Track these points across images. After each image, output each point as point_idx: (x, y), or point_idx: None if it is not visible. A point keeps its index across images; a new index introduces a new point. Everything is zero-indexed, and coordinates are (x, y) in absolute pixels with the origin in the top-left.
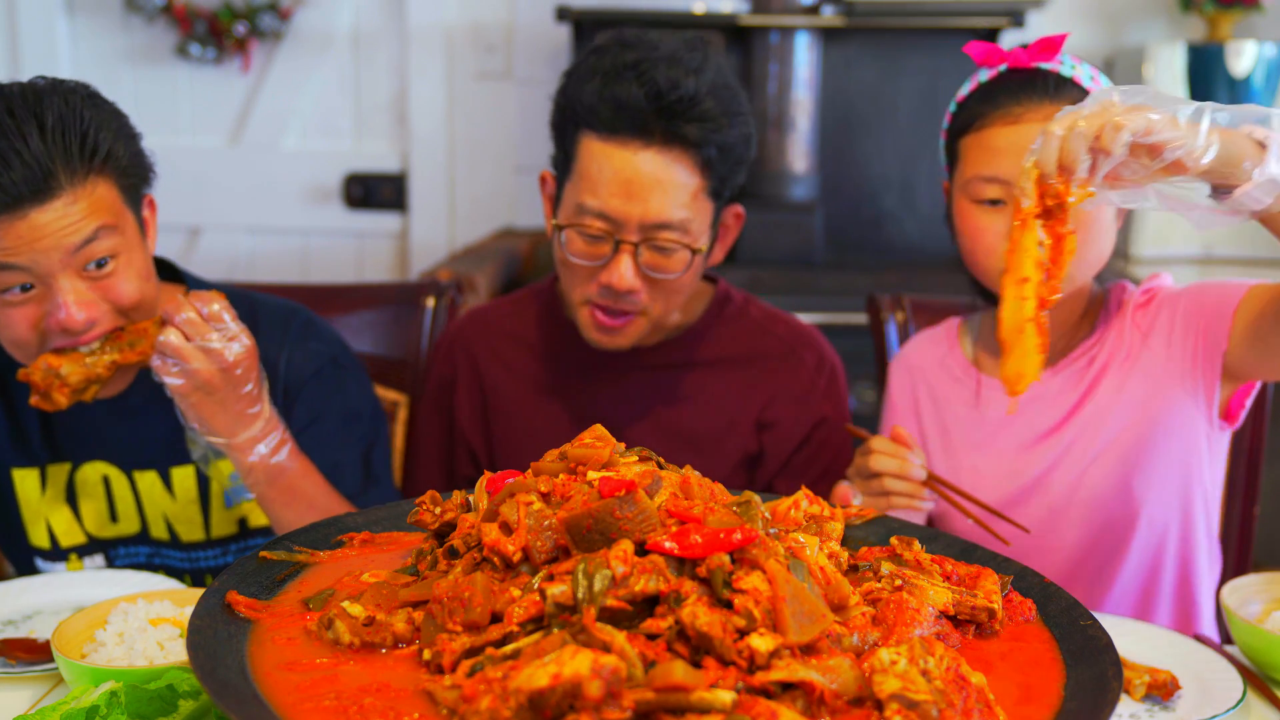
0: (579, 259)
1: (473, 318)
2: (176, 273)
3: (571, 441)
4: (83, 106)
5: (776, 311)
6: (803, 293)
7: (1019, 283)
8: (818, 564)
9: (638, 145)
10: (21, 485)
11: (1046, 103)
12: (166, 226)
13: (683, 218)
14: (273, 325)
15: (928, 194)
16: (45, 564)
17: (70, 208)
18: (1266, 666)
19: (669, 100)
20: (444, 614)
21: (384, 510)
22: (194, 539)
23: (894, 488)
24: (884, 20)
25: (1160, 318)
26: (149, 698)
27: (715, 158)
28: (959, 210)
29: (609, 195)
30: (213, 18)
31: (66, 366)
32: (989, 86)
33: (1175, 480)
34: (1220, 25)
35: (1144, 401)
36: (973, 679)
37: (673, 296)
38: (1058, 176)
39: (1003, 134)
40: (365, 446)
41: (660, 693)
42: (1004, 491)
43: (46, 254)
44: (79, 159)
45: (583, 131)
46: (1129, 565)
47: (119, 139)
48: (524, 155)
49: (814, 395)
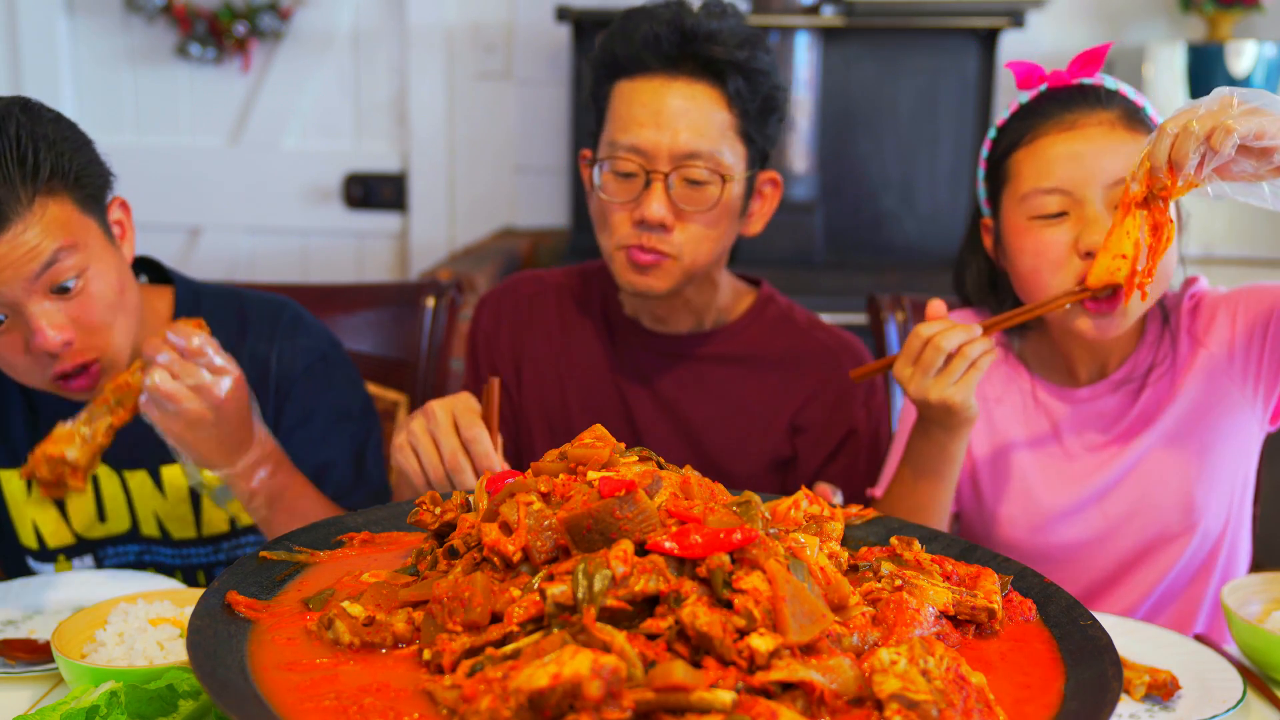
0: (613, 197)
1: (521, 281)
2: (164, 273)
3: (572, 441)
4: (17, 127)
5: (819, 320)
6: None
7: (1115, 257)
8: (818, 564)
9: (664, 78)
10: (8, 486)
11: (1100, 109)
12: (166, 226)
13: (712, 149)
14: (261, 321)
15: (928, 194)
16: (37, 564)
17: (23, 235)
18: (1266, 666)
19: (691, 29)
20: (444, 614)
21: (384, 510)
22: (185, 536)
23: (975, 352)
24: (884, 20)
25: (1218, 321)
26: (149, 698)
27: (743, 90)
28: (1015, 230)
29: (640, 128)
30: (213, 18)
31: (70, 450)
32: (1035, 102)
33: (1233, 489)
34: (1220, 25)
35: (1204, 409)
36: (973, 679)
37: (705, 241)
38: (1166, 171)
39: (1059, 142)
40: (357, 444)
41: (660, 693)
42: (1061, 499)
43: (9, 285)
44: (21, 184)
45: (615, 81)
46: (1177, 573)
47: (64, 151)
48: (524, 155)
49: (851, 403)
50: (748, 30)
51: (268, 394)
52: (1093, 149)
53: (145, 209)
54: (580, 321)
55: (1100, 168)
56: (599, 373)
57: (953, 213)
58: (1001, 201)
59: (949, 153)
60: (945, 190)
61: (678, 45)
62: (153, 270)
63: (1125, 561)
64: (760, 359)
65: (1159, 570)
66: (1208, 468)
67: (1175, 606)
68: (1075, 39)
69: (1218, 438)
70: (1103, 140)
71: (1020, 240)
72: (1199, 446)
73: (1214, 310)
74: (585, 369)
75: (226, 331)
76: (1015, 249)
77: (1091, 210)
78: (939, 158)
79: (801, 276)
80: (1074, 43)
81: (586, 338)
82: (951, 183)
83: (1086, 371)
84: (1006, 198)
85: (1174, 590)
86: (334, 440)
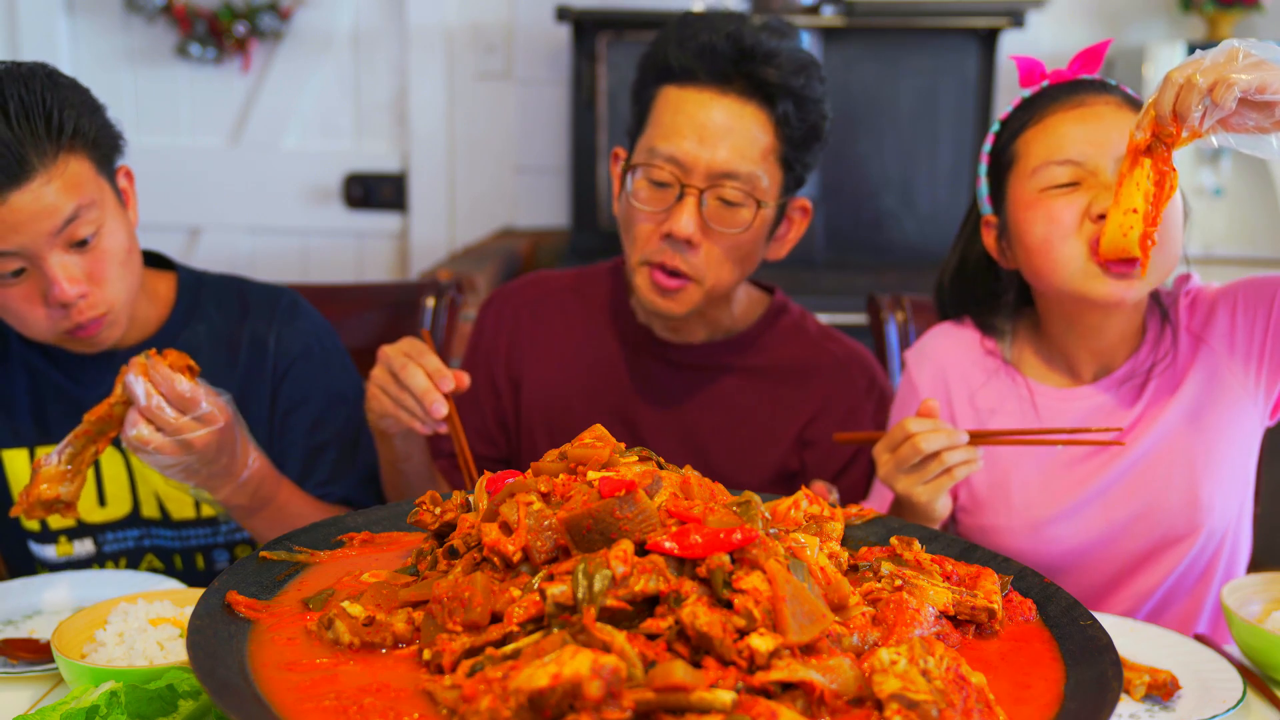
0: (644, 205)
1: (529, 283)
2: (167, 264)
3: (572, 441)
4: (42, 88)
5: (832, 330)
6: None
7: (1127, 212)
8: (818, 564)
9: (715, 92)
10: (11, 466)
11: (1106, 94)
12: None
13: (750, 171)
14: (261, 305)
15: (928, 194)
16: (37, 546)
17: (46, 187)
18: (1266, 666)
19: (750, 49)
20: (444, 614)
21: (384, 510)
22: (184, 516)
23: (954, 460)
24: (884, 20)
25: (1217, 315)
26: (149, 698)
27: (791, 115)
28: (1024, 205)
29: (681, 139)
30: (213, 18)
31: (62, 488)
32: (1039, 92)
33: (1237, 487)
34: (1220, 25)
35: (1208, 405)
36: (973, 679)
37: (729, 265)
38: (1170, 120)
39: (1070, 119)
40: (352, 428)
41: (660, 693)
42: (1060, 504)
43: (33, 238)
44: (47, 139)
45: (663, 85)
46: (1180, 575)
47: (83, 113)
48: (524, 155)
49: (860, 417)
50: (805, 56)
51: (265, 374)
52: (1103, 124)
53: (145, 209)
54: (587, 327)
55: (1110, 140)
56: (605, 380)
57: (953, 213)
58: (1007, 185)
59: (949, 153)
60: (945, 190)
61: (733, 61)
62: (156, 261)
63: (1129, 565)
64: (770, 370)
65: (1162, 573)
66: (1213, 464)
67: (1177, 608)
68: (1075, 39)
69: (1221, 433)
70: (1112, 117)
71: (1030, 212)
72: (1203, 443)
73: (1212, 305)
74: (591, 375)
75: (228, 315)
76: (1025, 223)
77: (1104, 178)
78: (939, 158)
79: (801, 276)
80: (1074, 43)
81: (594, 343)
82: (951, 183)
83: (1089, 370)
84: (1014, 178)
85: (1177, 593)
86: (329, 423)
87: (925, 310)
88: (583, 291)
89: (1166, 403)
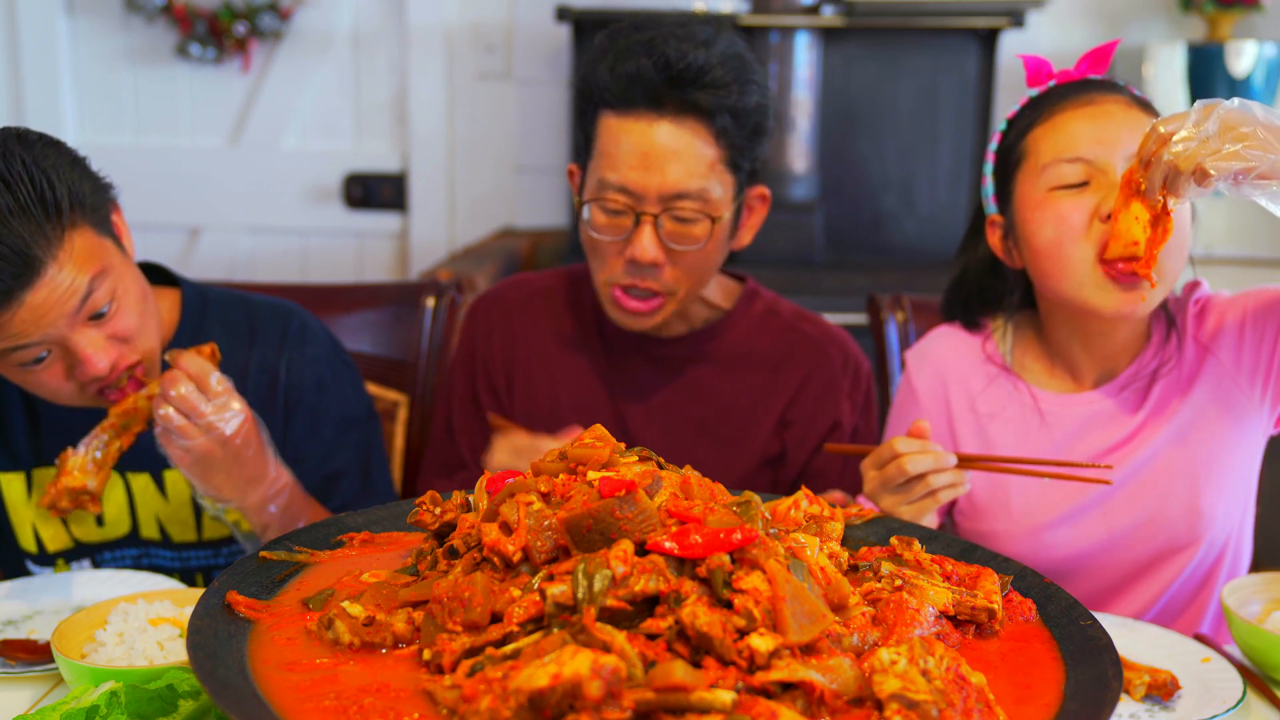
0: (602, 234)
1: (512, 285)
2: (169, 276)
3: (572, 441)
4: (23, 164)
5: (805, 311)
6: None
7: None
8: (818, 564)
9: (651, 117)
10: (8, 489)
11: (1115, 93)
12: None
13: (701, 187)
14: (269, 329)
15: (928, 194)
16: (35, 567)
17: (59, 275)
18: (1266, 666)
19: (678, 70)
20: (444, 614)
21: (384, 510)
22: (185, 539)
23: (939, 483)
24: (884, 20)
25: (1225, 326)
26: (149, 698)
27: (730, 126)
28: (1033, 204)
29: (627, 168)
30: (213, 18)
31: (90, 480)
32: (1047, 91)
33: (1239, 497)
34: (1220, 25)
35: (1212, 416)
36: (973, 679)
37: (697, 273)
38: (1160, 192)
39: (1080, 116)
40: (363, 452)
41: (660, 693)
42: (1060, 510)
43: (54, 324)
44: (48, 225)
45: (600, 111)
46: (1181, 584)
47: (73, 179)
48: (524, 155)
49: (836, 395)
50: (735, 61)
51: (275, 404)
52: (1113, 122)
53: (145, 209)
54: (570, 326)
55: (1120, 138)
56: (590, 377)
57: (953, 213)
58: (1015, 183)
59: (949, 153)
60: (945, 190)
61: (664, 86)
62: (156, 274)
63: (1129, 573)
64: (748, 356)
65: (1163, 581)
66: (1215, 475)
67: (1178, 617)
68: (1075, 39)
69: (1225, 445)
70: (1121, 115)
71: (1039, 212)
72: (1206, 454)
73: (1221, 315)
74: (576, 374)
75: (235, 339)
76: (1034, 223)
77: (1113, 177)
78: (939, 158)
79: (801, 276)
80: (1074, 42)
81: (577, 342)
82: (951, 183)
83: (1092, 375)
84: (1022, 176)
85: (1178, 602)
86: (342, 450)
87: (925, 310)
88: (564, 292)
89: (1170, 411)
